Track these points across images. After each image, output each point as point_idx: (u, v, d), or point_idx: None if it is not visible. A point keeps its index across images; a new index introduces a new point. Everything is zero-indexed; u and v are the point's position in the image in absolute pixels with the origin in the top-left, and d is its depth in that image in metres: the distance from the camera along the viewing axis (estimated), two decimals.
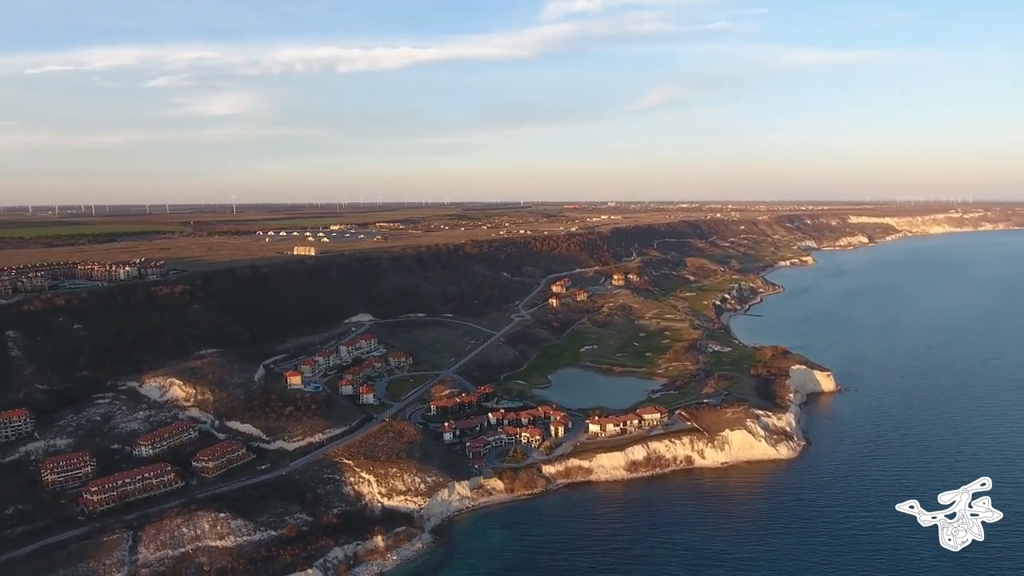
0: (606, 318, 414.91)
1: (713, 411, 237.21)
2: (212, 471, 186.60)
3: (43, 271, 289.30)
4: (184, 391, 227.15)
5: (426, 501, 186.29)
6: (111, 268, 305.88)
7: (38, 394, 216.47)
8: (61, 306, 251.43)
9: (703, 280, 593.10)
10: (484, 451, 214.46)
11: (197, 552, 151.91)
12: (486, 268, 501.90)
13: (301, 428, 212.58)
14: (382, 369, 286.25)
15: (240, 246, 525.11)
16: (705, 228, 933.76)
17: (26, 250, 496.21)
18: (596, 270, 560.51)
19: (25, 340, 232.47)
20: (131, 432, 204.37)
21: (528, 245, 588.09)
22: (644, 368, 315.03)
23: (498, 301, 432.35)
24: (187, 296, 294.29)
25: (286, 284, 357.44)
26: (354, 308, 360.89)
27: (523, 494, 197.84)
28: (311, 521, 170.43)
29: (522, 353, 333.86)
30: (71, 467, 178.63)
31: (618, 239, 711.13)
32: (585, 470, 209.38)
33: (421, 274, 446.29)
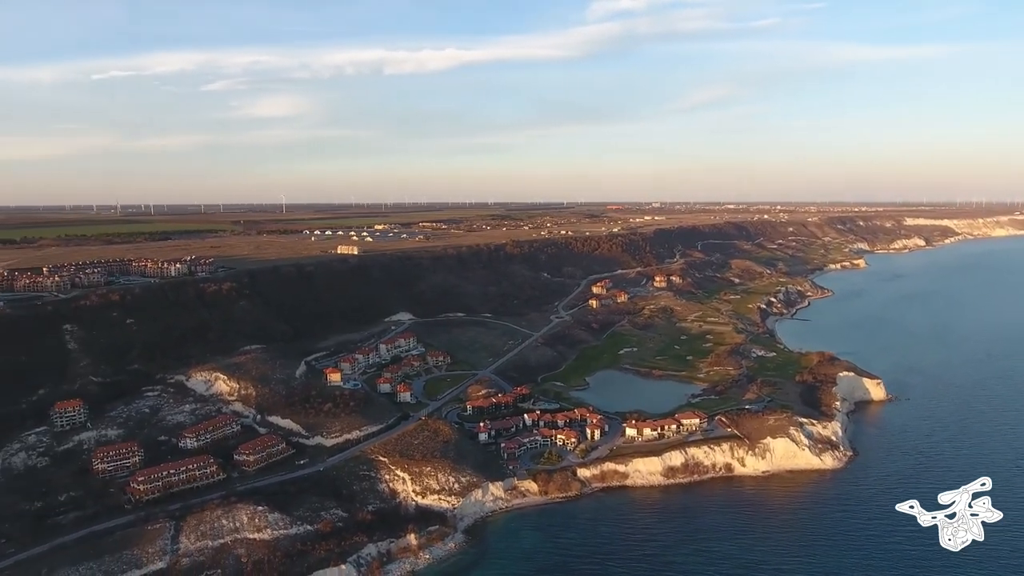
0: (647, 320, 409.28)
1: (755, 418, 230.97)
2: (253, 464, 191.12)
3: (100, 267, 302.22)
4: (228, 385, 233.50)
5: (459, 501, 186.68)
6: (163, 265, 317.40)
7: (92, 386, 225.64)
8: (115, 301, 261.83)
9: (748, 283, 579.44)
10: (519, 452, 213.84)
11: (235, 544, 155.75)
12: (526, 268, 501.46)
13: (339, 425, 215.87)
14: (420, 368, 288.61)
15: (287, 245, 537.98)
16: (751, 230, 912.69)
17: (87, 247, 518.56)
18: (638, 271, 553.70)
19: (81, 333, 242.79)
20: (177, 424, 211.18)
21: (569, 246, 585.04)
22: (684, 372, 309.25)
23: (537, 302, 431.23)
24: (234, 293, 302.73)
25: (329, 282, 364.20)
26: (394, 307, 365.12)
27: (557, 497, 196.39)
28: (346, 517, 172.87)
29: (560, 354, 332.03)
30: (120, 457, 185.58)
31: (661, 240, 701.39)
32: (621, 474, 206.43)
33: (461, 274, 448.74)
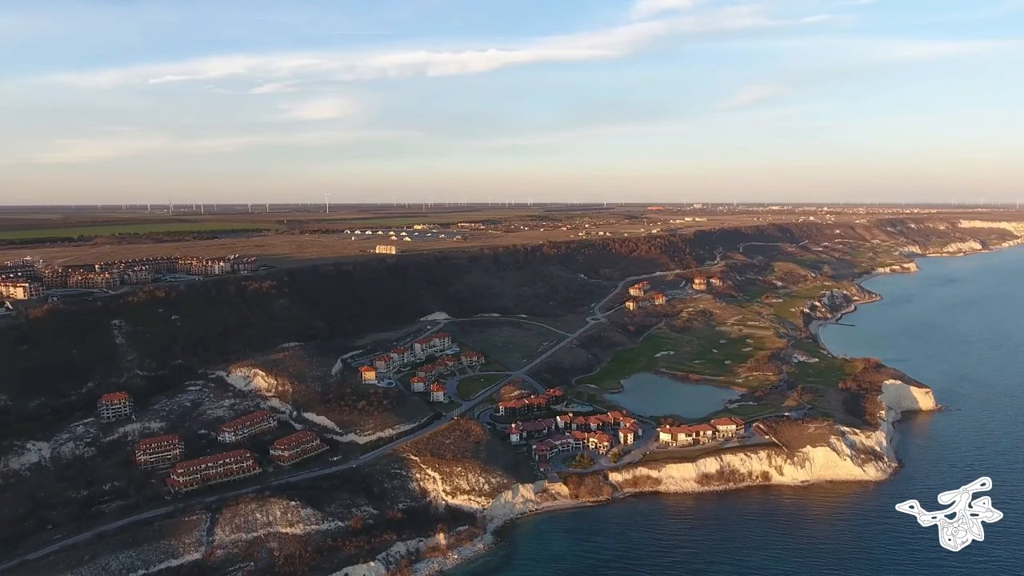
0: (685, 323, 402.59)
1: (794, 425, 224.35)
2: (287, 460, 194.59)
3: (147, 265, 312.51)
4: (266, 382, 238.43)
5: (489, 502, 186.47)
6: (207, 263, 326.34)
7: (138, 379, 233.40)
8: (161, 298, 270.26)
9: (791, 286, 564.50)
10: (550, 455, 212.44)
11: (268, 537, 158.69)
12: (563, 269, 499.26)
13: (372, 423, 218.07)
14: (454, 367, 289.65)
15: (327, 244, 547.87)
16: (796, 232, 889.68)
17: (139, 245, 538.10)
18: (676, 274, 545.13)
19: (129, 329, 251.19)
20: (217, 419, 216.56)
21: (607, 247, 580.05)
22: (722, 377, 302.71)
23: (573, 303, 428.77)
24: (274, 291, 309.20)
25: (367, 281, 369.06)
26: (430, 306, 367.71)
27: (588, 501, 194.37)
28: (376, 514, 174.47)
29: (595, 356, 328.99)
30: (162, 449, 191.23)
31: (701, 242, 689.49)
32: (653, 480, 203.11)
33: (497, 274, 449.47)
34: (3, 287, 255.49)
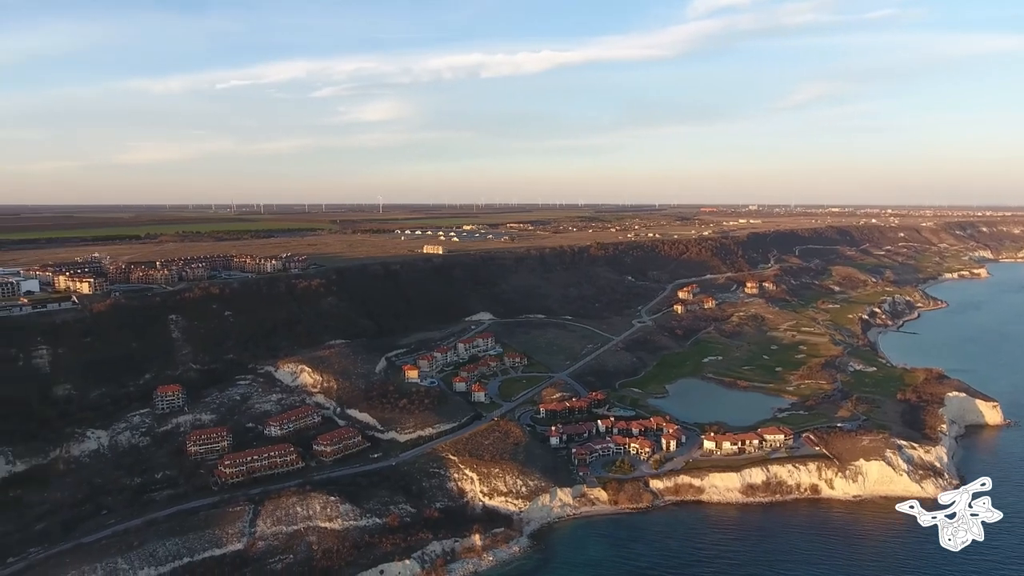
0: (735, 328, 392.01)
1: (847, 437, 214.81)
2: (330, 455, 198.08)
3: (204, 262, 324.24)
4: (312, 378, 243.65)
5: (527, 504, 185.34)
6: (260, 261, 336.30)
7: (192, 372, 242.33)
8: (215, 294, 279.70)
9: (850, 291, 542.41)
10: (590, 459, 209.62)
11: (308, 531, 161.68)
12: (610, 271, 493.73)
13: (413, 421, 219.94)
14: (496, 368, 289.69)
15: (377, 243, 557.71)
16: (856, 235, 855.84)
17: (200, 243, 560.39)
18: (728, 277, 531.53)
19: (184, 324, 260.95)
20: (264, 413, 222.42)
21: (656, 249, 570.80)
22: (772, 384, 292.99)
23: (619, 305, 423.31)
24: (322, 289, 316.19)
25: (413, 281, 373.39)
26: (475, 306, 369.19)
27: (627, 507, 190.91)
28: (414, 513, 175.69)
29: (640, 360, 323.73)
30: (211, 441, 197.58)
31: (755, 245, 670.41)
32: (696, 488, 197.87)
33: (543, 275, 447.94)
34: (71, 282, 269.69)
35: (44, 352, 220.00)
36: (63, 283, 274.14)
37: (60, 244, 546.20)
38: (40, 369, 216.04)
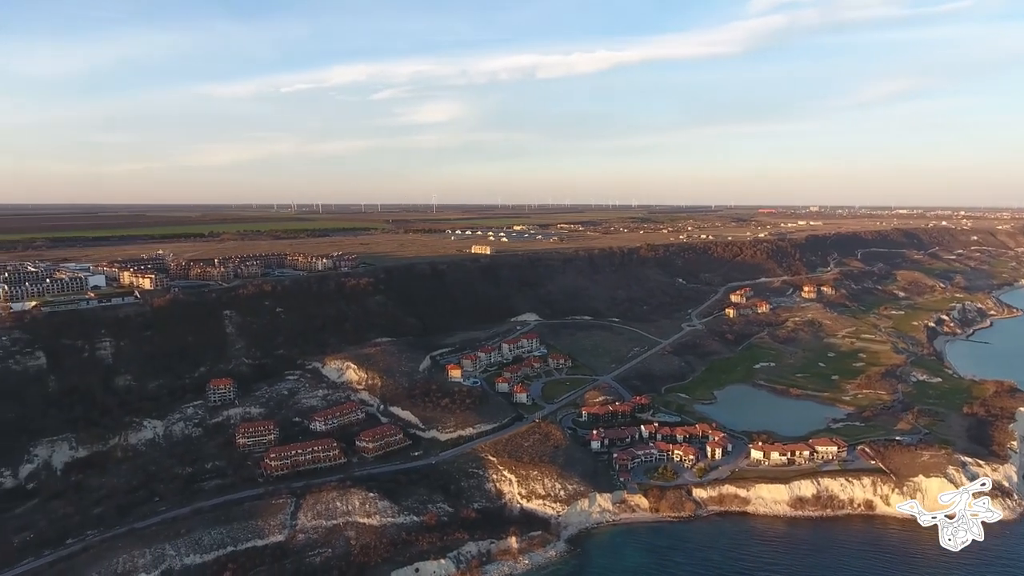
0: (789, 334, 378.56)
1: (905, 451, 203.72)
2: (371, 452, 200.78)
3: (258, 260, 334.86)
4: (358, 375, 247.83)
5: (565, 509, 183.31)
6: (312, 260, 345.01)
7: (243, 366, 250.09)
8: (268, 292, 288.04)
9: (915, 297, 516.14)
10: (631, 464, 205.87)
11: (346, 526, 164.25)
12: (660, 273, 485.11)
13: (454, 420, 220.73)
14: (540, 369, 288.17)
15: (427, 243, 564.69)
16: (925, 238, 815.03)
17: (258, 241, 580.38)
18: (784, 280, 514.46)
19: (238, 319, 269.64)
20: (310, 408, 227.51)
21: (708, 251, 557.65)
22: (827, 393, 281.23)
23: (669, 308, 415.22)
24: (370, 288, 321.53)
25: (460, 280, 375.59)
26: (521, 307, 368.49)
27: (668, 516, 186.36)
28: (451, 512, 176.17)
29: (688, 364, 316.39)
30: (259, 433, 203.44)
31: (813, 247, 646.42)
32: (741, 499, 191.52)
33: (591, 276, 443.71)
34: (134, 278, 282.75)
35: (107, 344, 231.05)
36: (127, 279, 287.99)
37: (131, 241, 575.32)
38: (103, 360, 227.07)
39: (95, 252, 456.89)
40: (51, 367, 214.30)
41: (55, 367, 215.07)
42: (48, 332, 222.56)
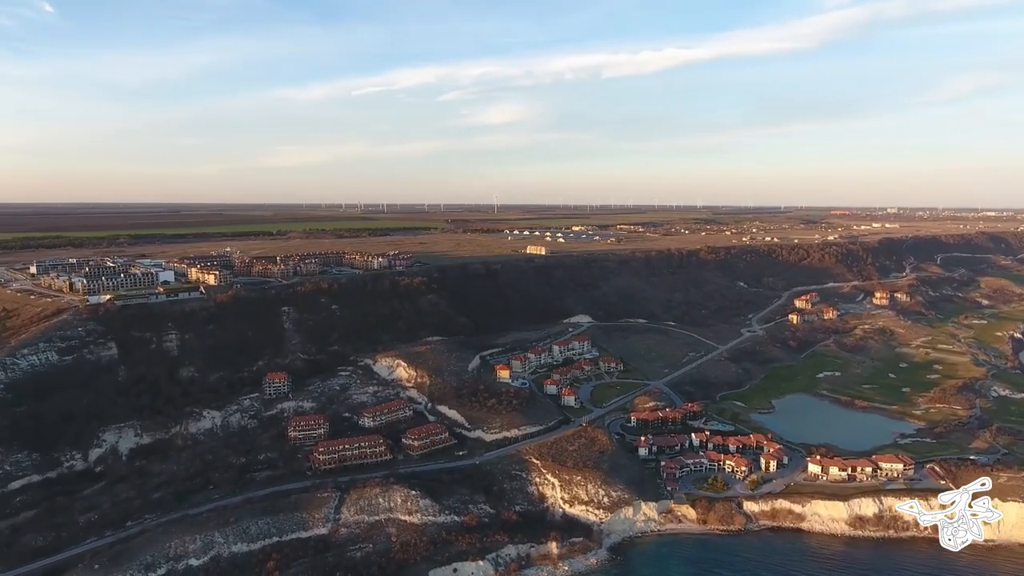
0: (858, 342, 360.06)
1: (980, 472, 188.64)
2: (417, 449, 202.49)
3: (317, 259, 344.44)
4: (407, 372, 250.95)
5: (608, 516, 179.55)
6: (368, 259, 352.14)
7: (299, 361, 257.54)
8: (324, 289, 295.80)
9: (1001, 306, 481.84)
10: (679, 473, 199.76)
11: (388, 523, 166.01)
12: (720, 276, 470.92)
13: (500, 421, 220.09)
14: (591, 372, 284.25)
15: (483, 243, 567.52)
16: (1014, 242, 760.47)
17: (322, 240, 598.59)
18: (854, 286, 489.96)
19: (296, 315, 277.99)
20: (360, 404, 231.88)
21: (772, 254, 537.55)
22: (896, 406, 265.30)
23: (728, 312, 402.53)
24: (423, 287, 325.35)
25: (513, 281, 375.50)
26: (574, 308, 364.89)
27: (716, 528, 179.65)
28: (492, 514, 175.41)
29: (746, 371, 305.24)
30: (310, 427, 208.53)
31: (888, 251, 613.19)
32: (795, 515, 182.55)
33: (647, 278, 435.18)
34: (200, 274, 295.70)
35: (173, 337, 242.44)
36: (194, 275, 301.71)
37: (205, 239, 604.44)
38: (169, 352, 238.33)
39: (171, 249, 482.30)
40: (122, 357, 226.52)
41: (125, 357, 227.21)
42: (120, 324, 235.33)
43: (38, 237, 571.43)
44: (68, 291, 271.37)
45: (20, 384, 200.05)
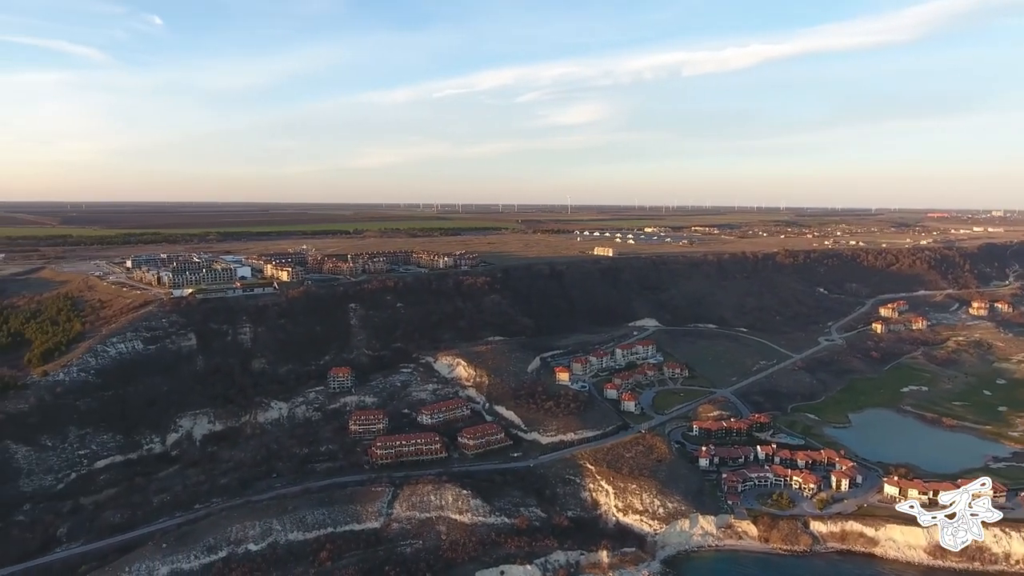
0: (950, 355, 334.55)
1: None
2: (472, 449, 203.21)
3: (385, 257, 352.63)
4: (467, 371, 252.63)
5: (663, 527, 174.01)
6: (434, 258, 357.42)
7: (364, 357, 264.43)
8: (390, 287, 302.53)
9: None
10: (742, 487, 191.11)
11: (438, 520, 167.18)
12: (798, 281, 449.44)
13: (556, 424, 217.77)
14: (654, 378, 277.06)
15: (551, 243, 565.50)
16: None
17: (395, 239, 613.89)
18: (947, 294, 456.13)
19: (362, 312, 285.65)
20: (419, 401, 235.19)
21: (856, 258, 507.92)
22: (990, 426, 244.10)
23: (805, 319, 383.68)
24: (487, 287, 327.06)
25: (578, 282, 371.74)
26: (640, 311, 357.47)
27: (779, 547, 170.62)
28: (543, 518, 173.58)
29: (821, 383, 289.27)
30: (370, 422, 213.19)
31: (988, 257, 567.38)
32: (868, 539, 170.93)
33: (719, 282, 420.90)
34: (275, 270, 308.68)
35: (248, 330, 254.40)
36: (269, 271, 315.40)
37: (286, 236, 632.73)
38: (243, 344, 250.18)
39: (254, 245, 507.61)
40: (200, 348, 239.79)
41: (203, 348, 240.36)
42: (199, 317, 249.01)
43: (138, 233, 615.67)
44: (156, 284, 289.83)
45: (108, 370, 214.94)
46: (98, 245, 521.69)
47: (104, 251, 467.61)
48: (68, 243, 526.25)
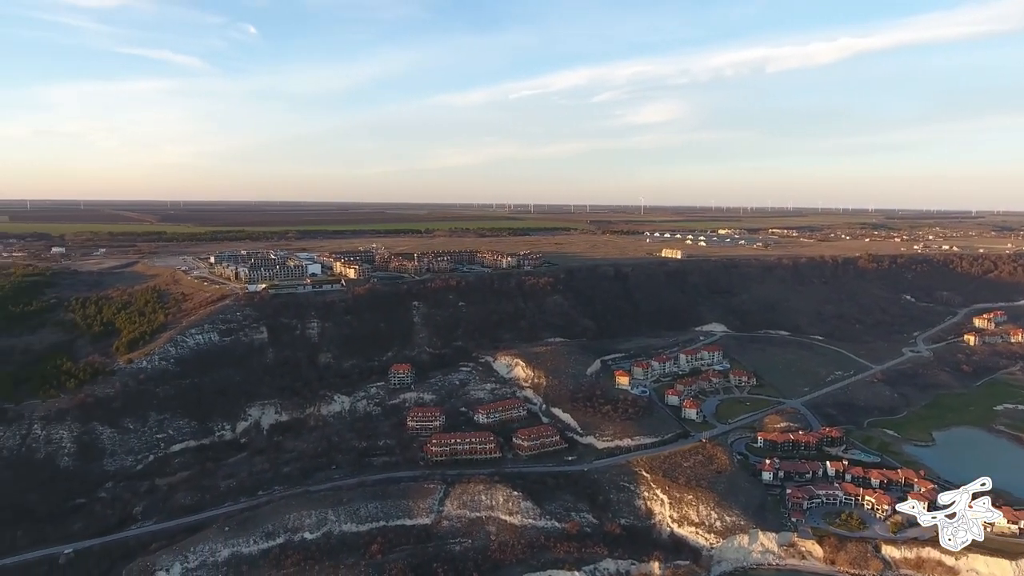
0: None
1: None
2: (526, 450, 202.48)
3: (449, 256, 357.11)
4: (525, 372, 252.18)
5: (720, 541, 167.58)
6: (497, 257, 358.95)
7: (424, 355, 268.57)
8: (453, 286, 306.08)
9: None
10: (807, 504, 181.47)
11: (488, 520, 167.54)
12: (881, 288, 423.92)
13: (613, 429, 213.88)
14: (719, 385, 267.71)
15: (619, 244, 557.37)
16: None
17: (464, 238, 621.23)
18: None
19: (425, 310, 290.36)
20: (476, 400, 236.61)
21: (949, 264, 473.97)
22: None
23: (887, 329, 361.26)
24: (549, 288, 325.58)
25: (643, 284, 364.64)
26: (707, 316, 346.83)
27: (846, 571, 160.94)
28: (595, 524, 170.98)
29: (903, 397, 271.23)
30: (427, 419, 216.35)
31: None
32: (945, 568, 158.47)
33: (794, 287, 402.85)
34: (343, 268, 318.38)
35: (315, 325, 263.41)
36: (338, 268, 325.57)
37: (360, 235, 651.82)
38: (311, 339, 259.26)
39: (328, 244, 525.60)
40: (271, 341, 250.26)
41: (273, 341, 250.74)
42: (271, 311, 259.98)
43: (225, 231, 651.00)
44: (233, 279, 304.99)
45: (186, 360, 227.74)
46: (188, 241, 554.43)
47: (193, 247, 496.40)
48: (162, 239, 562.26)
